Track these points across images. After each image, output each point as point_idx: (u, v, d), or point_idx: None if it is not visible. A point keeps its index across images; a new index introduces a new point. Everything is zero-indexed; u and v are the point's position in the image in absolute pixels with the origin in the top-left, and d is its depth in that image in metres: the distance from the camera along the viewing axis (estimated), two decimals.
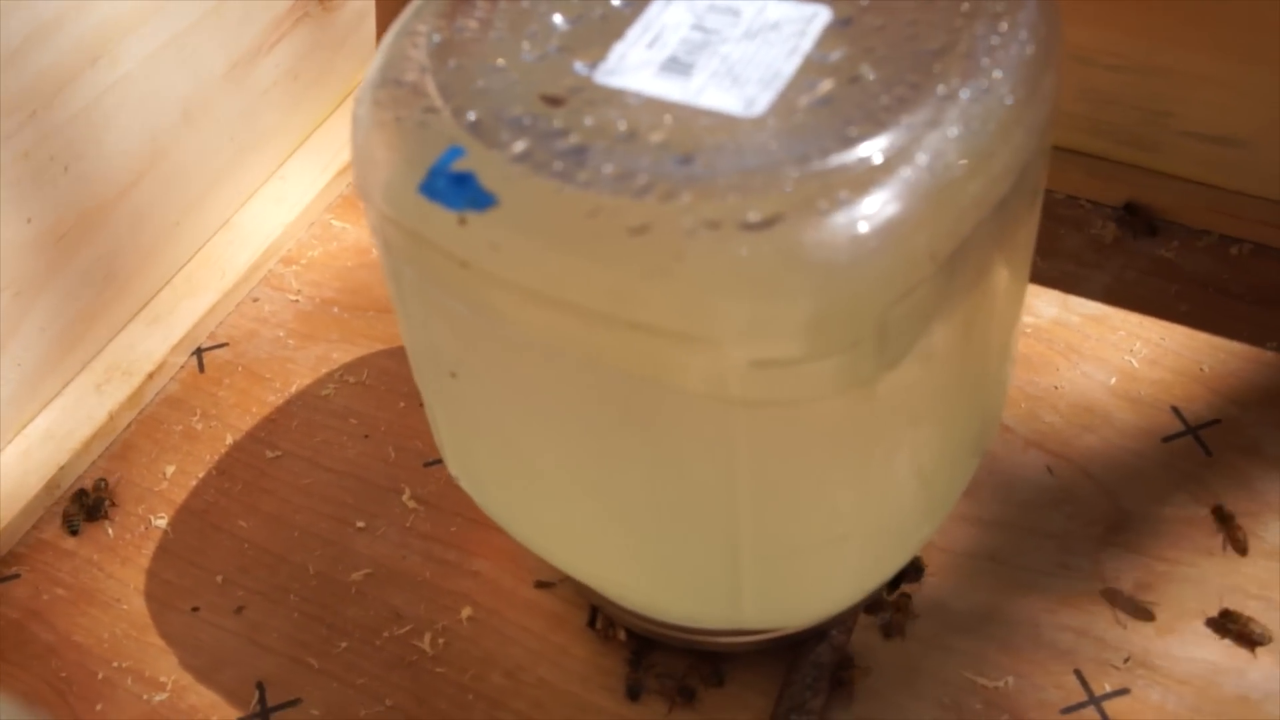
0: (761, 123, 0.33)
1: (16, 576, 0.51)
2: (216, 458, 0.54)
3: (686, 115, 0.33)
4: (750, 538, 0.37)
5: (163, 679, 0.48)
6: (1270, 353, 0.53)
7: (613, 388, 0.34)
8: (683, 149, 0.32)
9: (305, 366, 0.57)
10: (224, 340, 0.58)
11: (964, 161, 0.32)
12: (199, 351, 0.58)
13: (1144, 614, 0.46)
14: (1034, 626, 0.47)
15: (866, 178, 0.31)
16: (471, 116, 0.34)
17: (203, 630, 0.49)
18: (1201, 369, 0.53)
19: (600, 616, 0.47)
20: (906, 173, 0.31)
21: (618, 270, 0.31)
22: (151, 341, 0.56)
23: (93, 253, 0.54)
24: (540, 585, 0.49)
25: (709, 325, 0.31)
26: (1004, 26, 0.34)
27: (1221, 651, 0.45)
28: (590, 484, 0.38)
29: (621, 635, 0.47)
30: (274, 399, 0.56)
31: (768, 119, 0.33)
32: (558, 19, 0.37)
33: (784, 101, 0.33)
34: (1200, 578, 0.47)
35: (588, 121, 0.33)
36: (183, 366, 0.57)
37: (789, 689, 0.44)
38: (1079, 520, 0.49)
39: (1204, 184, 0.58)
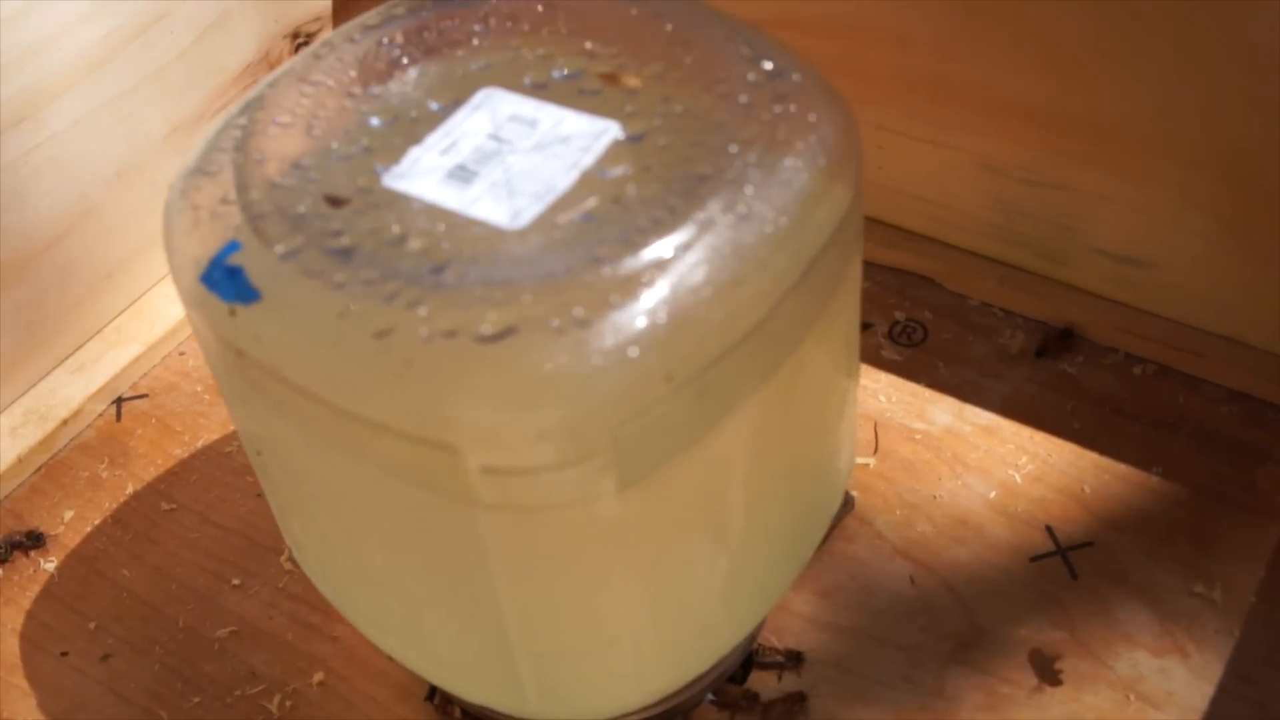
0: (522, 236, 0.34)
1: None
2: (115, 506, 0.56)
3: (457, 224, 0.34)
4: (519, 636, 0.37)
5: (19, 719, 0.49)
6: (1155, 477, 0.53)
7: (374, 483, 0.35)
8: (438, 258, 0.33)
9: (216, 423, 0.59)
10: (145, 391, 0.60)
11: (708, 288, 0.33)
12: (119, 401, 0.60)
13: None
14: None
15: (602, 298, 0.32)
16: (257, 211, 0.35)
17: (67, 675, 0.51)
18: (1083, 489, 0.53)
19: (439, 693, 0.48)
20: (645, 295, 0.32)
21: (360, 372, 0.33)
22: (72, 389, 0.59)
23: (15, 301, 0.56)
24: (393, 658, 0.50)
25: (440, 430, 0.32)
26: (783, 153, 0.35)
27: None
28: (376, 570, 0.39)
29: (457, 713, 0.48)
30: (180, 452, 0.58)
31: (529, 233, 0.34)
32: (373, 120, 0.38)
33: (548, 216, 0.34)
34: (1043, 703, 0.47)
35: (363, 224, 0.35)
36: (100, 414, 0.59)
37: None
38: (931, 634, 0.49)
39: (1114, 301, 0.57)
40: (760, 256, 0.34)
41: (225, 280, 0.34)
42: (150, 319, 0.61)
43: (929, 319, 0.60)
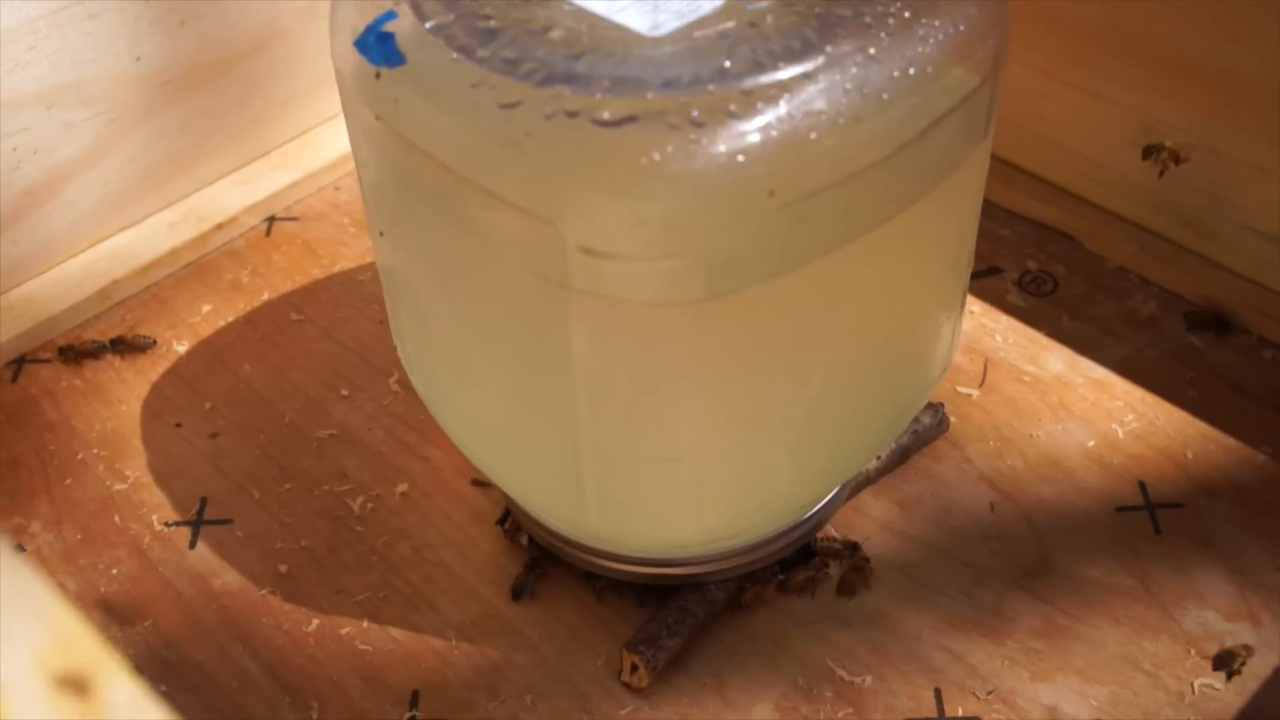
0: (657, 43, 0.35)
1: (48, 361, 0.57)
2: (249, 309, 0.59)
3: (599, 25, 0.36)
4: (590, 439, 0.39)
5: (128, 473, 0.53)
6: (1263, 456, 0.51)
7: (479, 259, 0.37)
8: (575, 49, 0.35)
9: (355, 253, 0.62)
10: (297, 215, 0.64)
11: (824, 117, 0.34)
12: (271, 219, 0.63)
13: (1025, 657, 0.46)
14: (914, 640, 0.47)
15: (721, 105, 0.33)
16: None
17: (177, 444, 0.54)
18: (1186, 454, 0.52)
19: (510, 519, 0.50)
20: (763, 110, 0.33)
21: (482, 138, 0.34)
22: (231, 199, 0.62)
23: (195, 106, 0.60)
24: (475, 483, 0.52)
25: (547, 204, 0.34)
26: (926, 11, 0.36)
27: (1087, 711, 0.44)
28: (471, 360, 0.41)
29: (524, 541, 0.49)
30: (318, 273, 0.61)
31: (664, 41, 0.35)
32: None
33: (685, 30, 0.35)
34: (1099, 640, 0.46)
35: (512, 14, 0.36)
36: (253, 228, 0.63)
37: (651, 624, 0.46)
38: (1001, 559, 0.49)
39: (1254, 282, 0.56)
40: (881, 100, 0.34)
41: (376, 44, 0.36)
42: (315, 150, 0.64)
43: (1061, 274, 0.59)
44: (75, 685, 0.21)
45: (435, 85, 0.35)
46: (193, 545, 0.50)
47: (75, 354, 0.56)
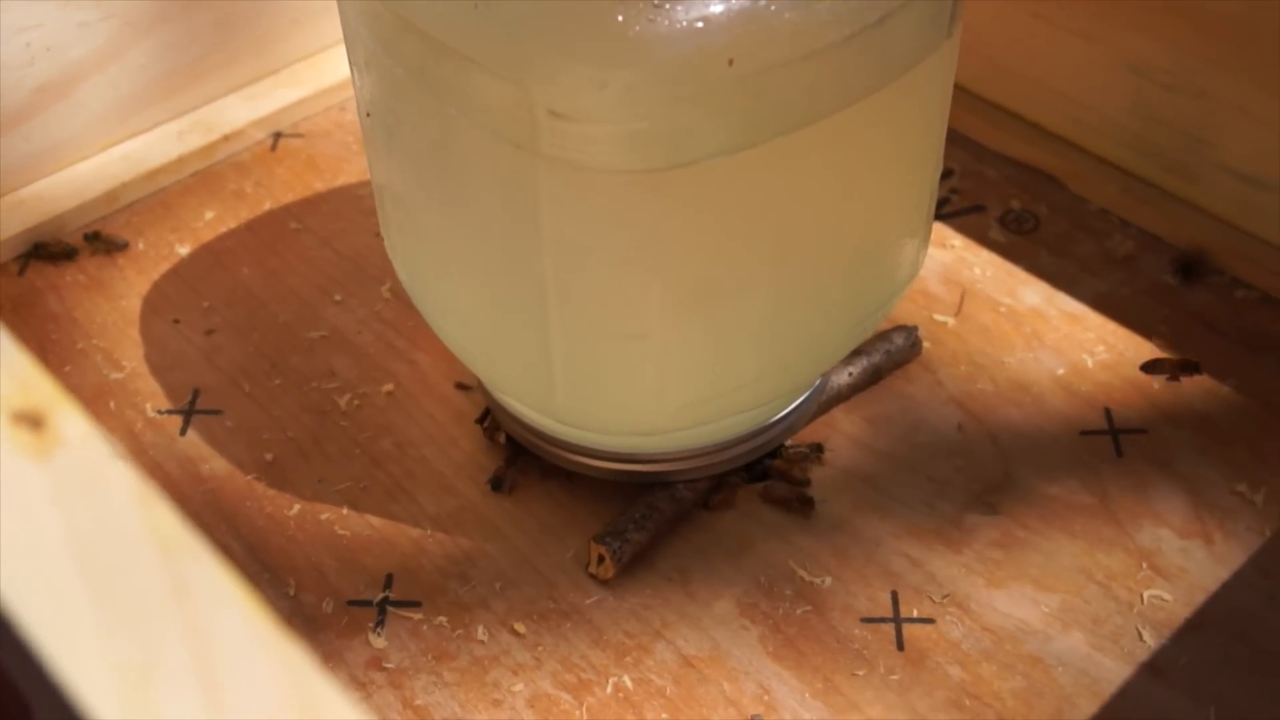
0: None
1: (54, 259, 0.59)
2: (250, 217, 0.61)
3: None
4: (557, 314, 0.40)
5: (125, 363, 0.54)
6: (1227, 388, 0.52)
7: (454, 130, 0.38)
8: None
9: (356, 169, 0.63)
10: (302, 132, 0.65)
11: None
12: (277, 135, 0.65)
13: (982, 565, 0.47)
14: (874, 546, 0.48)
15: None
16: None
17: (173, 338, 0.55)
18: (1152, 384, 0.53)
19: (489, 418, 0.51)
20: None
21: (458, 3, 0.36)
22: (239, 113, 0.64)
23: (207, 18, 0.62)
24: (459, 386, 0.54)
25: (515, 68, 0.35)
26: None
27: (1038, 617, 0.45)
28: (444, 238, 0.42)
29: (502, 439, 0.51)
30: (319, 186, 0.62)
31: None
32: None
33: None
34: (1054, 551, 0.47)
35: None
36: (259, 142, 0.64)
37: (619, 518, 0.47)
38: (965, 475, 0.50)
39: (1230, 224, 0.57)
40: None
41: None
42: (322, 70, 0.66)
43: (1044, 213, 0.60)
44: (31, 420, 0.22)
45: None
46: (183, 432, 0.52)
47: (49, 253, 0.58)
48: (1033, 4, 0.59)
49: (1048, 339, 0.55)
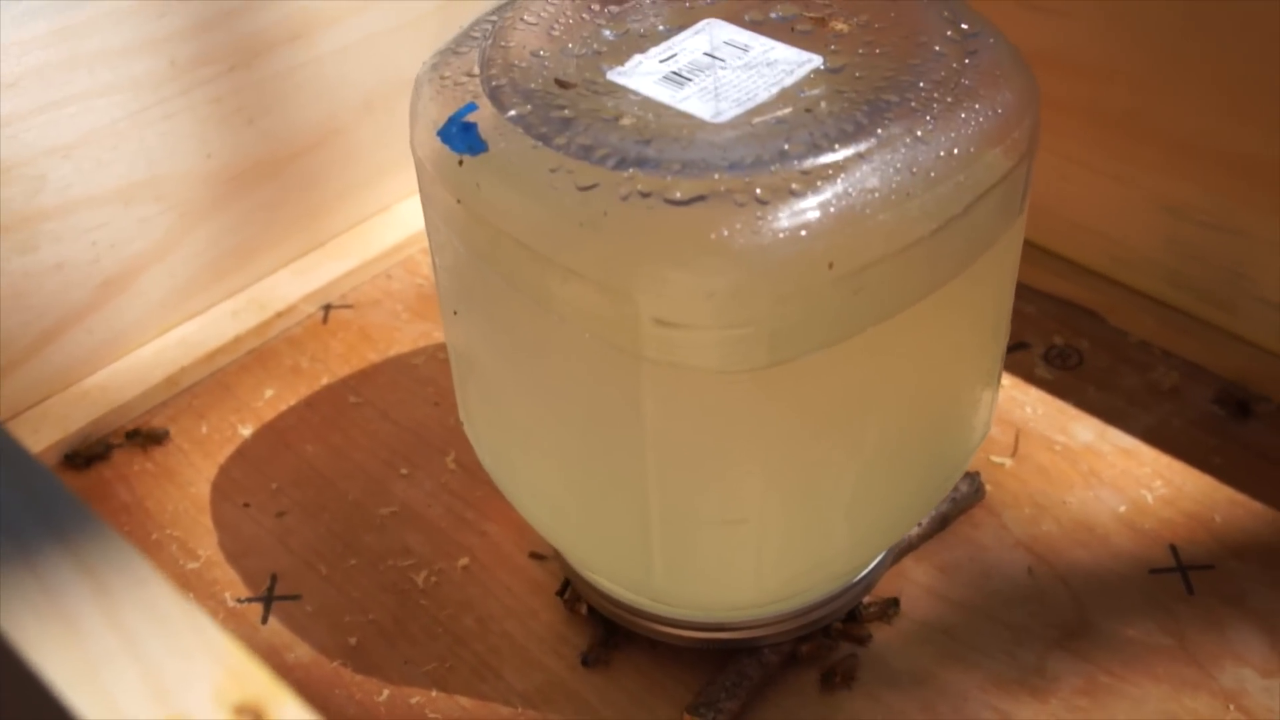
0: (720, 128, 0.38)
1: (121, 446, 0.59)
2: (310, 393, 0.62)
3: (666, 114, 0.39)
4: (658, 502, 0.41)
5: (200, 552, 0.55)
6: None
7: (554, 332, 0.39)
8: (645, 135, 0.38)
9: (409, 337, 0.64)
10: (351, 303, 0.66)
11: (878, 194, 0.36)
12: (327, 307, 0.66)
13: (1070, 714, 0.48)
14: (961, 699, 0.48)
15: (783, 184, 0.36)
16: (496, 83, 0.40)
17: (245, 523, 0.56)
18: (1214, 518, 0.54)
19: (570, 589, 0.52)
20: (822, 188, 0.36)
21: (561, 219, 0.37)
22: (290, 288, 0.65)
23: (258, 200, 0.63)
24: (533, 556, 0.54)
25: (623, 279, 0.36)
26: (967, 97, 0.39)
27: None
28: (541, 431, 0.43)
29: (584, 610, 0.51)
30: (374, 357, 0.63)
31: (726, 127, 0.38)
32: (607, 32, 0.43)
33: (746, 117, 0.38)
34: (1141, 697, 0.48)
35: (584, 104, 0.39)
36: (310, 315, 0.66)
37: (709, 687, 0.48)
38: (1040, 620, 0.51)
39: (1272, 353, 0.59)
40: (929, 178, 0.37)
41: (459, 134, 0.39)
42: (368, 241, 0.67)
43: (1086, 348, 0.62)
44: (253, 714, 0.23)
45: (516, 171, 0.38)
46: (265, 620, 0.52)
47: (83, 459, 0.58)
48: (1067, 148, 0.61)
49: (1105, 476, 0.56)
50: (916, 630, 0.51)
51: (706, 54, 0.41)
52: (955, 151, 0.38)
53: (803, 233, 0.36)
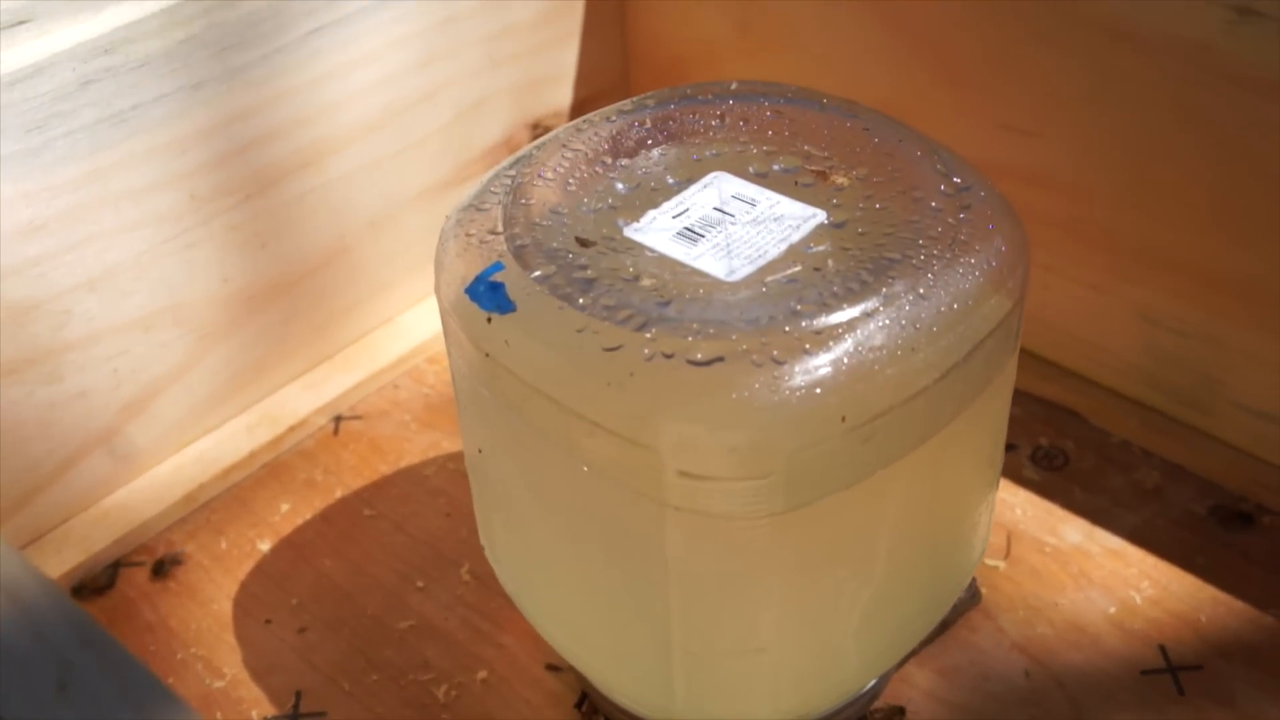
0: (735, 288, 0.41)
1: (142, 564, 0.61)
2: (324, 506, 0.64)
3: (682, 272, 0.41)
4: (680, 634, 0.43)
5: (225, 670, 0.57)
6: (1270, 618, 0.56)
7: (581, 479, 0.42)
8: (664, 295, 0.40)
9: (418, 448, 0.66)
10: (360, 414, 0.68)
11: (885, 350, 0.39)
12: (338, 419, 0.68)
13: None
14: None
15: (797, 344, 0.39)
16: (520, 243, 0.43)
17: (268, 639, 0.58)
18: (1200, 618, 0.56)
19: (587, 702, 0.54)
20: (833, 347, 0.39)
21: (589, 377, 0.39)
22: (301, 402, 0.67)
23: (271, 318, 0.65)
24: (549, 668, 0.56)
25: (649, 434, 0.39)
26: (963, 252, 0.42)
27: None
28: (565, 564, 0.45)
29: None
30: (385, 469, 0.65)
31: (741, 286, 0.41)
32: (620, 186, 0.46)
33: (758, 275, 0.41)
34: None
35: (604, 263, 0.42)
36: (321, 428, 0.68)
37: None
38: None
39: (1249, 454, 0.61)
40: (932, 331, 0.40)
41: (487, 293, 0.42)
42: (374, 353, 0.70)
43: (1071, 448, 0.64)
44: None
45: (543, 330, 0.40)
46: None
47: (89, 591, 0.60)
48: (1048, 260, 0.64)
49: (1094, 577, 0.58)
50: None
51: (716, 209, 0.44)
52: (955, 306, 0.40)
53: (817, 390, 0.38)
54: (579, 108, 0.75)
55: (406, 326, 0.71)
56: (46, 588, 0.30)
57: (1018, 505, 0.62)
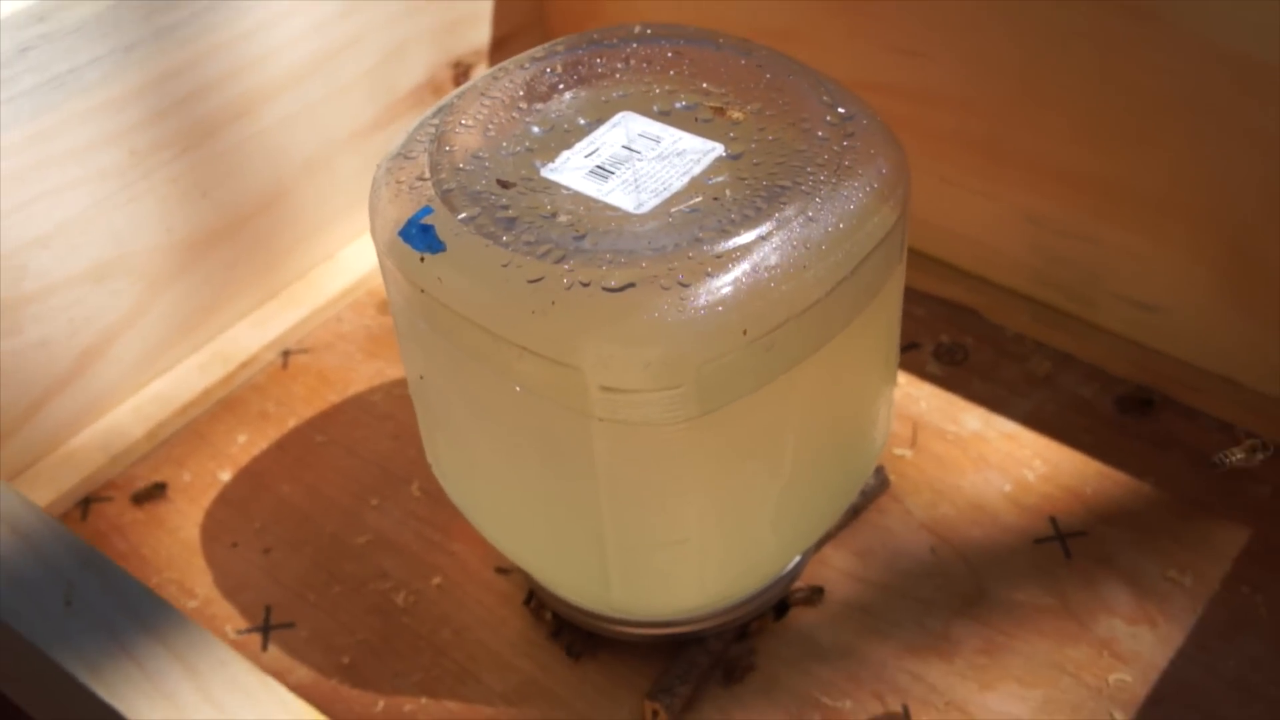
0: (643, 219, 0.45)
1: (110, 499, 0.65)
2: (279, 435, 0.68)
3: (594, 207, 0.46)
4: (612, 531, 0.48)
5: (198, 591, 0.61)
6: (1148, 486, 0.62)
7: (513, 398, 0.46)
8: (580, 230, 0.45)
9: (364, 376, 0.71)
10: (307, 347, 0.72)
11: (780, 269, 0.44)
12: (286, 353, 0.72)
13: (973, 671, 0.56)
14: (880, 666, 0.56)
15: (701, 268, 0.43)
16: (446, 187, 0.47)
17: (235, 561, 0.62)
18: (1086, 490, 0.62)
19: (534, 599, 0.59)
20: (733, 268, 0.43)
21: (515, 307, 0.44)
22: (250, 339, 0.71)
23: (216, 262, 0.69)
24: (498, 570, 0.61)
25: (573, 355, 0.43)
26: (847, 176, 0.46)
27: (1027, 712, 0.54)
28: (505, 475, 0.50)
29: (548, 615, 0.58)
30: (334, 398, 0.70)
31: (648, 217, 0.45)
32: (535, 129, 0.50)
33: (664, 207, 0.45)
34: (1031, 653, 0.56)
35: (524, 202, 0.46)
36: (271, 363, 0.72)
37: (664, 677, 0.55)
38: (944, 592, 0.59)
39: (1128, 339, 0.67)
40: (822, 250, 0.44)
41: (419, 235, 0.46)
42: (317, 288, 0.73)
43: (970, 344, 0.70)
44: None
45: (472, 266, 0.45)
46: (264, 648, 0.59)
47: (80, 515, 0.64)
48: (940, 170, 0.69)
49: (992, 459, 0.64)
50: (840, 610, 0.59)
51: (625, 147, 0.48)
52: (841, 225, 0.45)
53: (720, 308, 0.43)
54: (498, 46, 0.79)
55: (346, 262, 0.75)
56: (44, 519, 0.34)
57: (922, 398, 0.67)
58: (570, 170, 0.47)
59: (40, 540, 0.34)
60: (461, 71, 0.77)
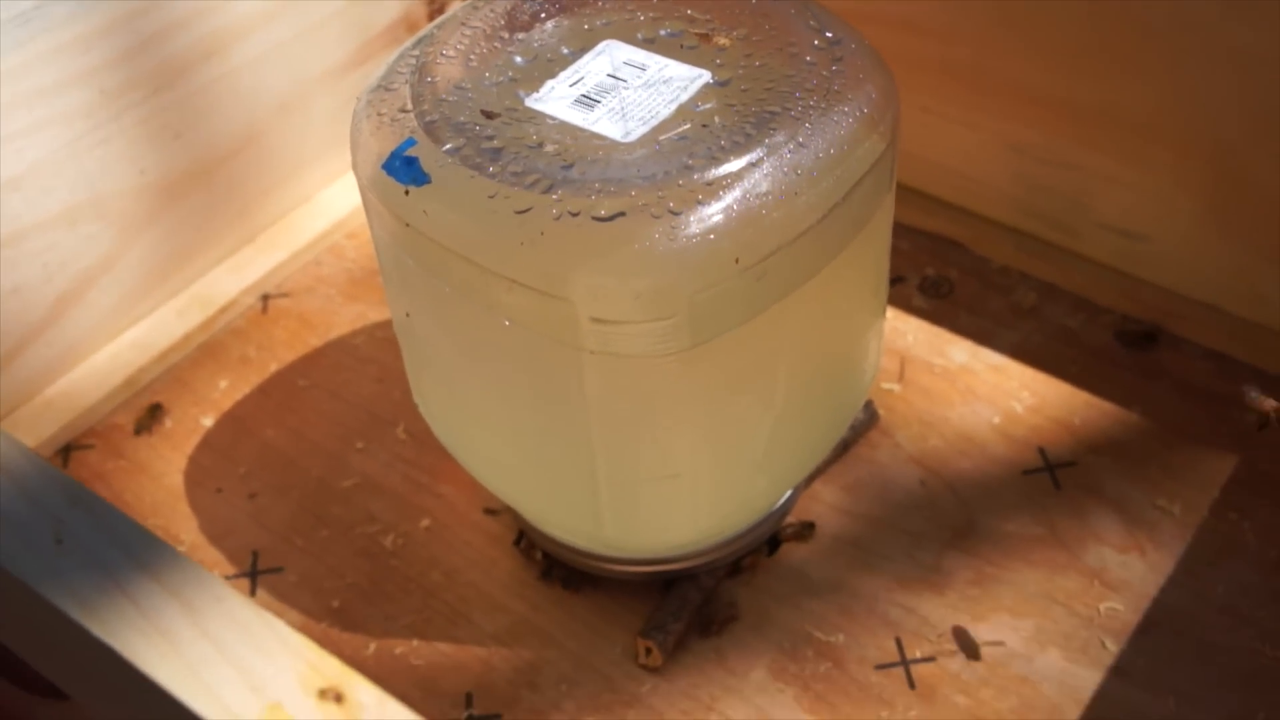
0: (631, 148, 0.44)
1: (91, 447, 0.64)
2: (261, 380, 0.67)
3: (581, 136, 0.45)
4: (604, 466, 0.48)
5: (184, 537, 0.61)
6: (1135, 415, 0.62)
7: (502, 332, 0.46)
8: (567, 159, 0.44)
9: (345, 320, 0.70)
10: (287, 291, 0.72)
11: (771, 196, 0.43)
12: (265, 297, 0.71)
13: (965, 603, 0.56)
14: (872, 600, 0.56)
15: (691, 196, 0.42)
16: (429, 119, 0.46)
17: (221, 507, 0.62)
18: (1074, 420, 0.62)
19: (524, 539, 0.59)
20: (723, 196, 0.43)
21: (503, 240, 0.43)
22: (229, 284, 0.70)
23: (191, 206, 0.68)
24: (487, 511, 0.61)
25: (563, 287, 0.43)
26: (836, 101, 0.45)
27: (1019, 642, 0.54)
28: (494, 412, 0.50)
29: (538, 555, 0.58)
30: (315, 341, 0.69)
31: (636, 146, 0.44)
32: (518, 59, 0.49)
33: (652, 135, 0.45)
34: (1022, 583, 0.56)
35: (509, 133, 0.45)
36: (250, 307, 0.71)
37: (657, 612, 0.55)
38: (934, 524, 0.59)
39: (1114, 269, 0.67)
40: (812, 177, 0.44)
41: (403, 168, 0.45)
42: (295, 231, 0.72)
43: (955, 276, 0.70)
44: (335, 695, 0.30)
45: (458, 198, 0.44)
46: (253, 593, 0.58)
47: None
48: (923, 101, 0.68)
49: (980, 392, 0.64)
50: (830, 544, 0.59)
51: (610, 75, 0.47)
52: (832, 151, 0.44)
53: (711, 236, 0.42)
54: None
55: (324, 204, 0.74)
56: (29, 456, 0.33)
57: (909, 332, 0.67)
58: (555, 100, 0.46)
59: (25, 477, 0.33)
60: (437, 8, 0.76)
